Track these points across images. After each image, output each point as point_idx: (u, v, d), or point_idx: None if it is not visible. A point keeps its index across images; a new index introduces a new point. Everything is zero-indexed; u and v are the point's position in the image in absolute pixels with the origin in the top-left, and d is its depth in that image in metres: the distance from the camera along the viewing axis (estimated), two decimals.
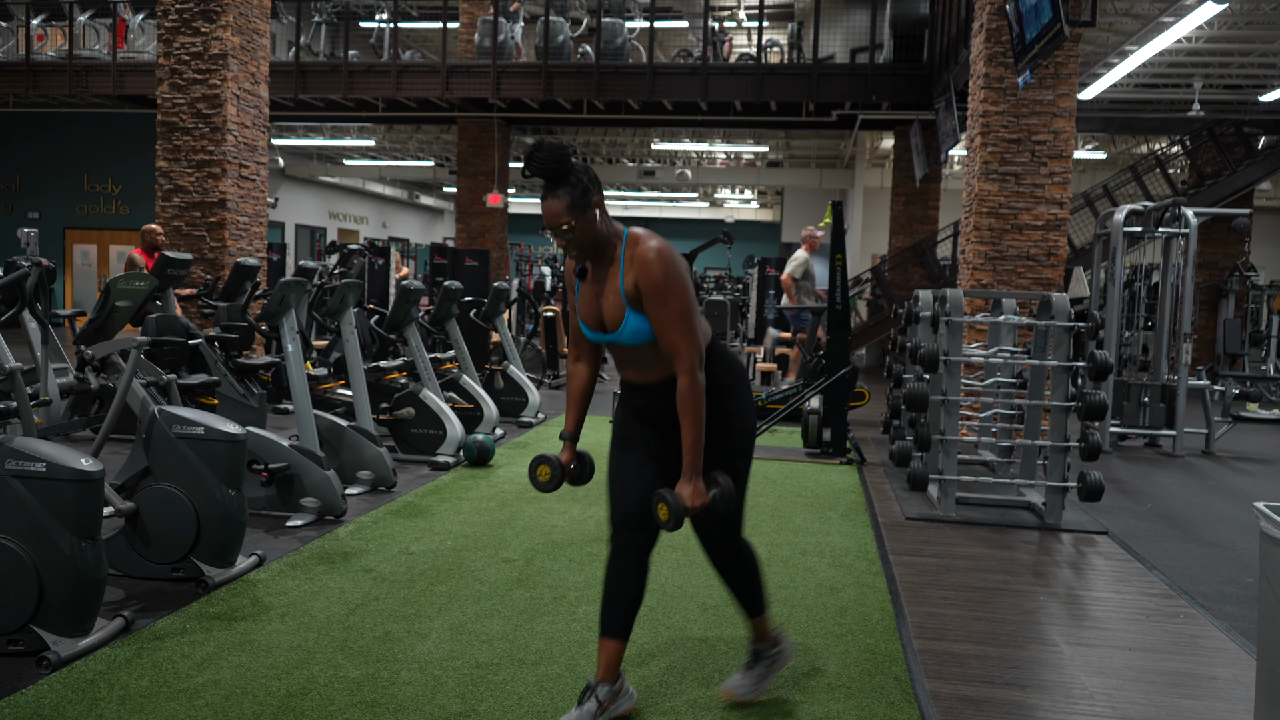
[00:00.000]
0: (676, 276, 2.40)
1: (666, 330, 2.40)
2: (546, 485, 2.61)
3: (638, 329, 2.45)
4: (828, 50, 14.08)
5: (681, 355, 2.40)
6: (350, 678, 2.86)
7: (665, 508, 2.39)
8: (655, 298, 2.39)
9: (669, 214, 30.70)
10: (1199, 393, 7.94)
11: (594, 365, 2.70)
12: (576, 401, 2.71)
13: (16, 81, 13.46)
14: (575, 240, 2.43)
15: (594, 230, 2.44)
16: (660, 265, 2.39)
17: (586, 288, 2.55)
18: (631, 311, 2.44)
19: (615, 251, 2.48)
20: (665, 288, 2.39)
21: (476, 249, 12.46)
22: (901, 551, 4.50)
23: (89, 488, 2.89)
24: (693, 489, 2.41)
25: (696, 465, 2.42)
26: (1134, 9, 9.15)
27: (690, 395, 2.40)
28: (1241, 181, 12.82)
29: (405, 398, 6.04)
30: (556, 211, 2.39)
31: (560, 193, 2.39)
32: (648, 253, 2.40)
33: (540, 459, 2.63)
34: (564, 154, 2.39)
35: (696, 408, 2.41)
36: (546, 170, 2.38)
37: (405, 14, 16.65)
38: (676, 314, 2.39)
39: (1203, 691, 3.03)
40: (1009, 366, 6.25)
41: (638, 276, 2.41)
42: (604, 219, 2.46)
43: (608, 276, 2.49)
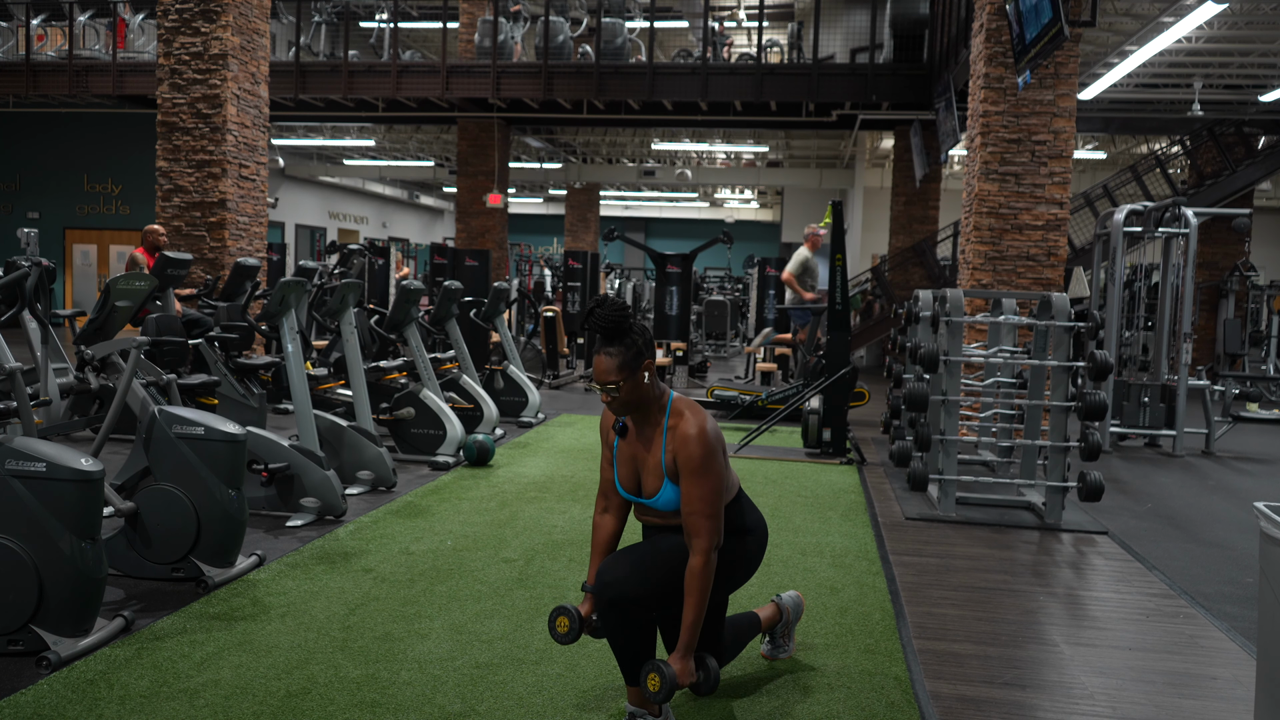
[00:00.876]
0: (713, 461, 2.46)
1: (693, 510, 2.46)
2: (565, 638, 2.59)
3: (672, 499, 2.52)
4: (828, 50, 14.08)
5: (701, 537, 2.45)
6: (350, 678, 2.86)
7: (657, 678, 2.42)
8: (689, 476, 2.46)
9: (669, 214, 30.71)
10: (1199, 393, 7.94)
11: (621, 520, 2.72)
12: (599, 554, 2.72)
13: (16, 81, 13.46)
14: (621, 398, 2.50)
15: (640, 392, 2.51)
16: (700, 447, 2.45)
17: (625, 448, 2.61)
18: (669, 483, 2.52)
19: (659, 418, 2.54)
20: (701, 470, 2.44)
21: (476, 249, 12.46)
22: (901, 551, 4.50)
23: (89, 488, 2.89)
24: (683, 666, 2.45)
25: (691, 644, 2.46)
26: (1134, 9, 9.15)
27: (700, 575, 2.44)
28: (1241, 181, 12.82)
29: (405, 398, 6.04)
30: (607, 369, 2.46)
31: (613, 351, 2.46)
32: (690, 429, 2.47)
33: (560, 610, 2.60)
34: (624, 314, 2.46)
35: (703, 590, 2.44)
36: (606, 327, 2.46)
37: (405, 14, 16.65)
38: (706, 495, 2.45)
39: (1203, 691, 3.03)
40: (1009, 366, 6.25)
41: (677, 451, 2.47)
42: (653, 380, 2.53)
43: (650, 443, 2.56)
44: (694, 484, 2.45)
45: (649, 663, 2.45)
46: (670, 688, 2.40)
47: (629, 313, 2.48)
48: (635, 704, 2.58)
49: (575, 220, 22.67)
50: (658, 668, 2.42)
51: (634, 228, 30.24)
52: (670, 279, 10.15)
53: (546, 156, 20.79)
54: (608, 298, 2.49)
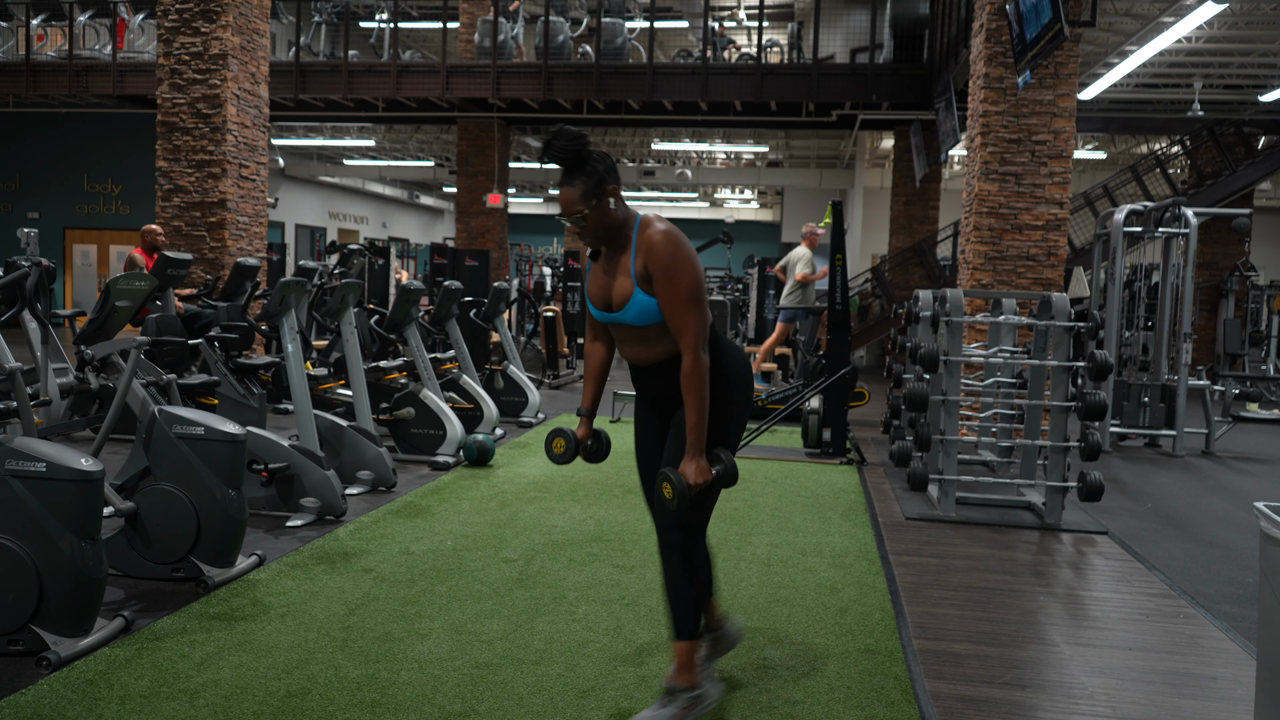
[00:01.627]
0: (684, 257, 2.45)
1: (675, 309, 2.44)
2: (561, 457, 2.63)
3: (643, 309, 2.49)
4: (828, 50, 14.08)
5: (687, 334, 2.44)
6: (350, 678, 2.86)
7: (669, 486, 2.40)
8: (663, 278, 2.44)
9: (669, 214, 30.70)
10: (1199, 393, 7.94)
11: (610, 344, 2.77)
12: (594, 379, 2.79)
13: (16, 81, 13.46)
14: (589, 227, 2.49)
15: (608, 218, 2.50)
16: (668, 246, 2.44)
17: (597, 269, 2.61)
18: (639, 291, 2.49)
19: (628, 235, 2.53)
20: (672, 267, 2.43)
21: (476, 249, 12.46)
22: (901, 551, 4.50)
23: (89, 488, 2.89)
24: (696, 466, 2.44)
25: (700, 443, 2.45)
26: (1134, 9, 9.15)
27: (695, 374, 2.44)
28: (1241, 181, 12.82)
29: (405, 398, 6.04)
30: (571, 199, 2.46)
31: (576, 180, 2.45)
32: (655, 235, 2.46)
33: (556, 432, 2.65)
34: (581, 142, 2.43)
35: (700, 387, 2.44)
36: (564, 157, 2.43)
37: (405, 14, 16.65)
38: (684, 293, 2.43)
39: (1203, 691, 3.03)
40: (1009, 366, 6.25)
41: (647, 258, 2.46)
42: (619, 206, 2.52)
43: (619, 259, 2.54)
44: (670, 284, 2.43)
45: (660, 472, 2.43)
46: (683, 492, 2.39)
47: (586, 140, 2.44)
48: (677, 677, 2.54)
49: None
50: (667, 476, 2.40)
51: None
52: None
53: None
54: (563, 128, 2.45)
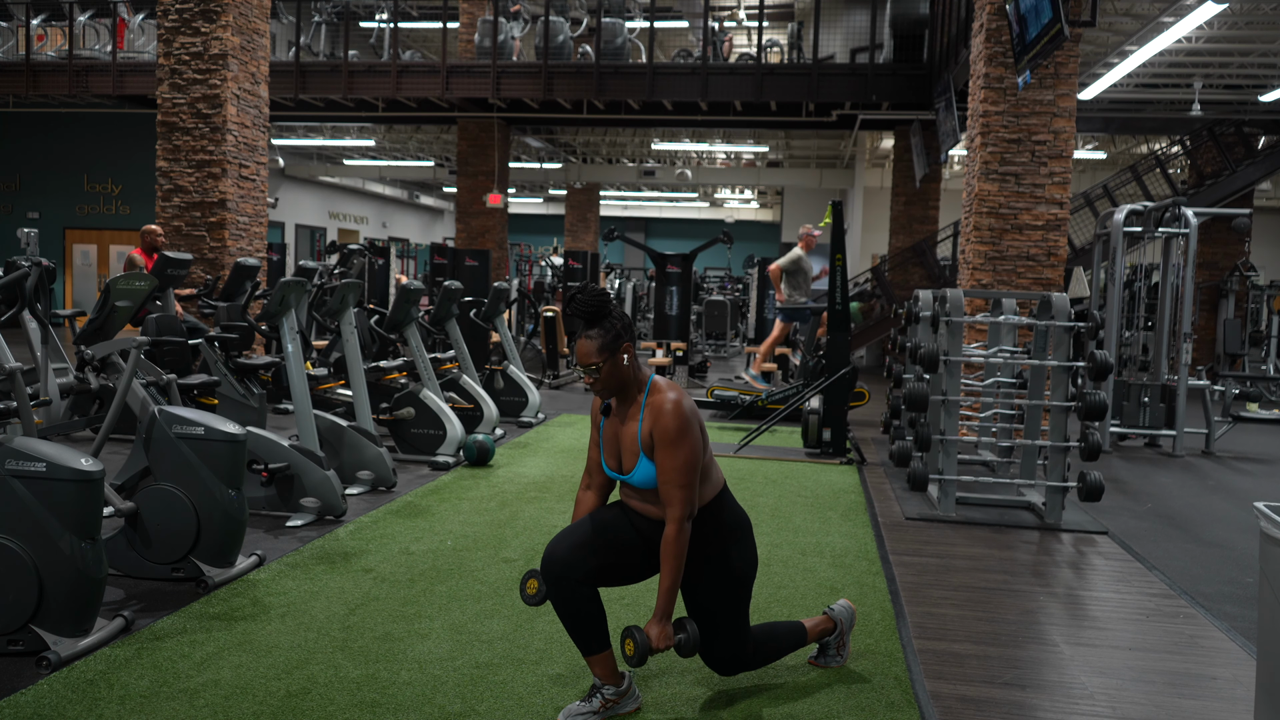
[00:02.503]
0: (688, 432, 2.53)
1: (667, 480, 2.53)
2: (534, 599, 2.68)
3: (647, 475, 2.59)
4: (828, 50, 14.08)
5: (675, 506, 2.53)
6: (350, 678, 2.86)
7: (632, 644, 2.51)
8: (664, 448, 2.52)
9: (669, 214, 30.71)
10: (1199, 393, 7.94)
11: (602, 498, 2.81)
12: None
13: (16, 81, 13.46)
14: (602, 379, 2.59)
15: (621, 373, 2.61)
16: (674, 419, 2.52)
17: (609, 427, 2.70)
18: (644, 458, 2.59)
19: (638, 395, 2.63)
20: (675, 441, 2.52)
21: (476, 249, 12.45)
22: (901, 551, 4.50)
23: (89, 488, 2.89)
24: (660, 630, 2.53)
25: (668, 610, 2.54)
26: (1134, 9, 9.15)
27: (675, 544, 2.52)
28: (1241, 181, 12.81)
29: (405, 398, 6.04)
30: (588, 351, 2.56)
31: (594, 334, 2.57)
32: (665, 404, 2.55)
33: (531, 574, 2.71)
34: (604, 299, 2.57)
35: (678, 557, 2.52)
36: (586, 312, 2.56)
37: (405, 14, 16.65)
38: (680, 467, 2.52)
39: (1203, 691, 3.03)
40: (1009, 366, 6.25)
41: (653, 424, 2.55)
42: (632, 363, 2.62)
43: (629, 420, 2.64)
44: (667, 454, 2.52)
45: (625, 629, 2.54)
46: (644, 652, 2.50)
47: (608, 298, 2.59)
48: (598, 675, 2.65)
49: (575, 220, 22.67)
50: (632, 634, 2.51)
51: (634, 228, 30.24)
52: (670, 279, 10.15)
53: (546, 156, 20.79)
54: (588, 284, 2.59)
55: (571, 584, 2.56)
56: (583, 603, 2.57)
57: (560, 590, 2.57)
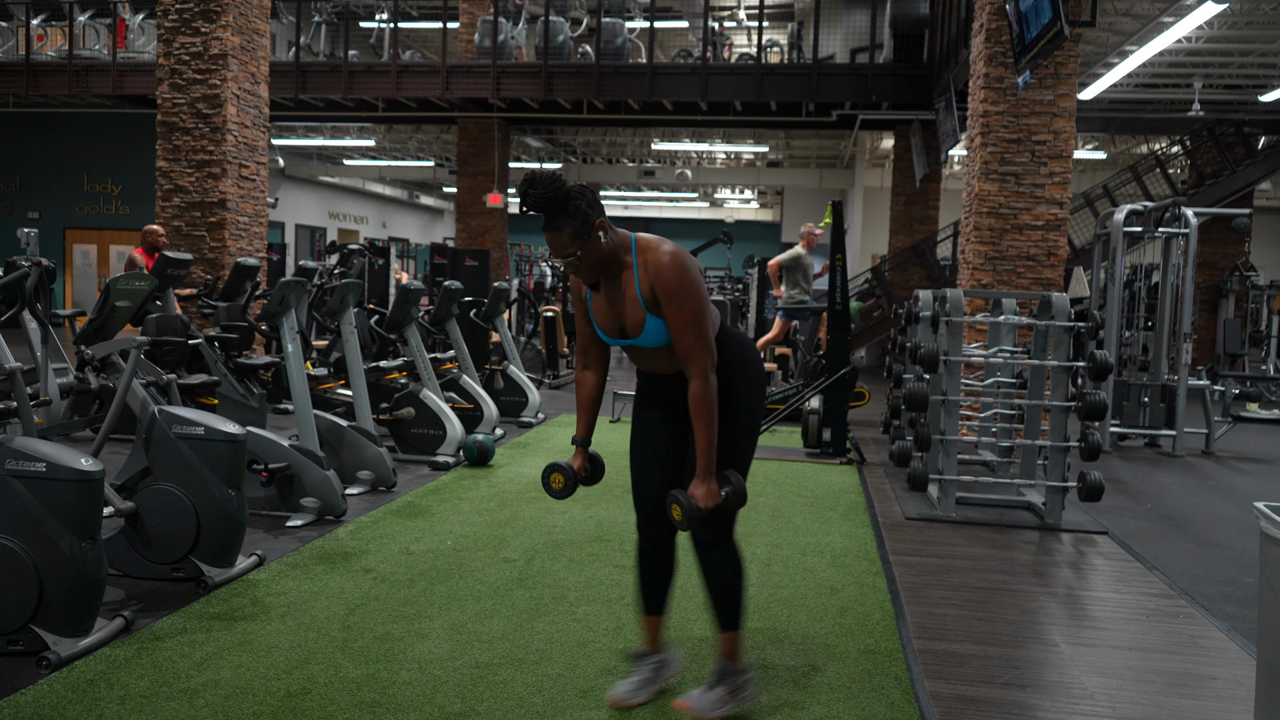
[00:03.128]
0: (690, 281, 2.45)
1: (680, 334, 2.45)
2: (560, 492, 2.65)
3: (659, 332, 2.50)
4: (828, 50, 14.08)
5: (695, 360, 2.45)
6: (350, 678, 2.86)
7: (679, 509, 2.42)
8: (670, 303, 2.44)
9: (669, 214, 30.70)
10: (1199, 393, 7.94)
11: (602, 373, 2.75)
12: (586, 408, 2.77)
13: (16, 81, 13.46)
14: (584, 265, 2.48)
15: (601, 253, 2.48)
16: (674, 271, 2.45)
17: (600, 297, 2.59)
18: (651, 316, 2.49)
19: (626, 259, 2.52)
20: (679, 292, 2.44)
21: (476, 249, 12.46)
22: (901, 551, 4.50)
23: (89, 488, 2.89)
24: (706, 489, 2.46)
25: (710, 466, 2.46)
26: (1134, 9, 9.15)
27: (703, 399, 2.44)
28: (1241, 181, 12.81)
29: (405, 398, 6.04)
30: (561, 243, 2.43)
31: (562, 224, 2.42)
32: (662, 258, 2.46)
33: (553, 467, 2.66)
34: (558, 184, 2.40)
35: (709, 411, 2.44)
36: (544, 204, 2.39)
37: (405, 14, 16.64)
38: (690, 318, 2.44)
39: (1203, 691, 3.03)
40: (1009, 366, 6.25)
41: (653, 282, 2.46)
42: (608, 236, 2.49)
43: (623, 284, 2.53)
44: (676, 309, 2.43)
45: (669, 494, 2.45)
46: (692, 514, 2.41)
47: (562, 181, 2.41)
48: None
49: None
50: (676, 498, 2.42)
51: (634, 228, 30.09)
52: None
53: (546, 156, 20.79)
54: (537, 173, 2.42)
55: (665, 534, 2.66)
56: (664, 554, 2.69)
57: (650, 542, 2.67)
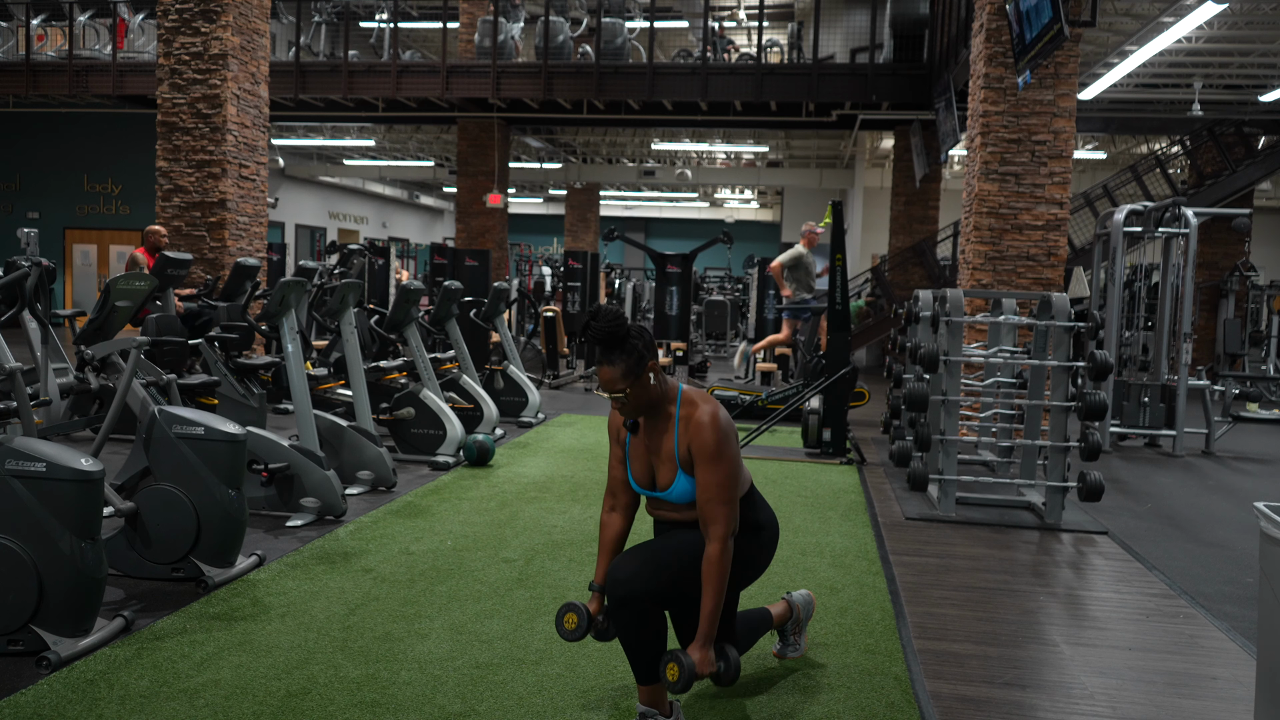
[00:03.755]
0: (729, 447, 2.47)
1: (709, 497, 2.45)
2: (572, 635, 2.59)
3: (686, 490, 2.52)
4: (828, 50, 14.08)
5: (717, 523, 2.44)
6: (350, 678, 2.86)
7: (676, 668, 2.40)
8: (704, 463, 2.45)
9: (669, 214, 30.70)
10: (1199, 393, 7.94)
11: (629, 518, 2.72)
12: (607, 552, 2.71)
13: (16, 81, 13.46)
14: (630, 403, 2.50)
15: (648, 394, 2.51)
16: (714, 434, 2.45)
17: (638, 443, 2.61)
18: (683, 474, 2.51)
19: (670, 409, 2.54)
20: (716, 456, 2.45)
21: (476, 249, 12.45)
22: (901, 551, 4.50)
23: (89, 488, 2.89)
24: (702, 656, 2.43)
25: (711, 634, 2.45)
26: (1134, 9, 9.15)
27: (719, 564, 2.43)
28: (1241, 181, 12.81)
29: (405, 398, 6.04)
30: (612, 378, 2.46)
31: (616, 359, 2.45)
32: (703, 418, 2.48)
33: (568, 607, 2.61)
34: (620, 322, 2.45)
35: (721, 577, 2.43)
36: (603, 338, 2.44)
37: (405, 14, 16.64)
38: (722, 482, 2.45)
39: (1203, 691, 3.03)
40: (1009, 366, 6.25)
41: (691, 440, 2.47)
42: (658, 380, 2.52)
43: (662, 435, 2.55)
44: (709, 471, 2.44)
45: (668, 653, 2.43)
46: (689, 677, 2.39)
47: (624, 319, 2.47)
48: (646, 703, 2.55)
49: (575, 220, 22.67)
50: (676, 658, 2.41)
51: (634, 228, 30.23)
52: (670, 279, 10.15)
53: (546, 156, 20.79)
54: (602, 308, 2.48)
55: (641, 604, 2.44)
56: (653, 625, 2.47)
57: (627, 612, 2.44)
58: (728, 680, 2.50)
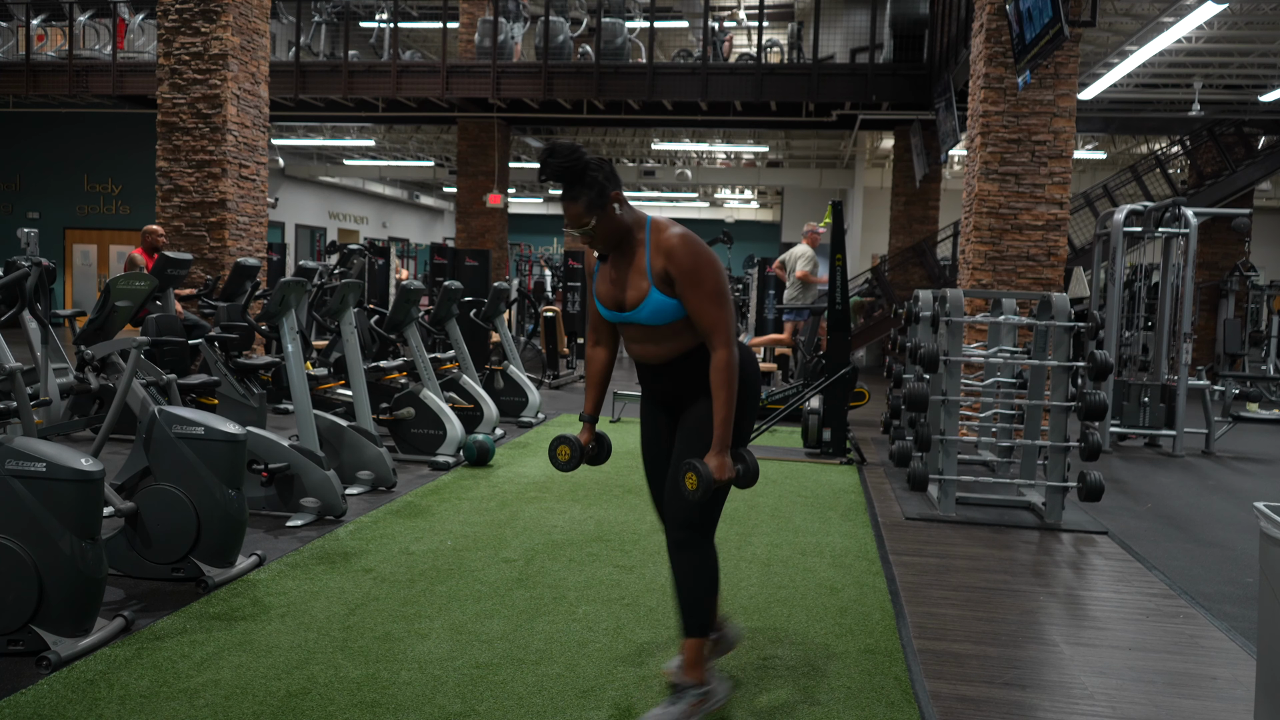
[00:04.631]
0: (706, 257, 2.49)
1: (704, 308, 2.46)
2: (566, 465, 2.67)
3: (657, 308, 2.50)
4: (828, 50, 14.08)
5: (719, 330, 2.47)
6: (350, 678, 2.86)
7: (694, 477, 2.42)
8: (689, 280, 2.45)
9: (669, 214, 30.65)
10: (1199, 393, 7.94)
11: (612, 349, 2.77)
12: (595, 384, 2.80)
13: (16, 81, 13.46)
14: (598, 236, 2.50)
15: (616, 224, 2.51)
16: (688, 248, 2.47)
17: (606, 270, 2.61)
18: (655, 291, 2.50)
19: (639, 236, 2.54)
20: (696, 269, 2.45)
21: (476, 249, 12.46)
22: (901, 551, 4.50)
23: (89, 488, 2.89)
24: (720, 462, 2.46)
25: (726, 439, 2.47)
26: (1134, 9, 9.15)
27: (726, 369, 2.45)
28: (1241, 181, 12.81)
29: (405, 398, 6.04)
30: (577, 212, 2.46)
31: (579, 194, 2.45)
32: (674, 238, 2.48)
33: (560, 439, 2.68)
34: (577, 155, 2.43)
35: (731, 382, 2.46)
36: (562, 173, 2.42)
37: (405, 14, 16.64)
38: (711, 292, 2.46)
39: (1203, 691, 3.03)
40: (1009, 366, 6.25)
41: (667, 261, 2.48)
42: (625, 210, 2.52)
43: (632, 259, 2.55)
44: (696, 285, 2.45)
45: (686, 462, 2.45)
46: (707, 484, 2.41)
47: (581, 151, 2.43)
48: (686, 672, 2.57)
49: None
50: (694, 465, 2.42)
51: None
52: None
53: None
54: (557, 144, 2.45)
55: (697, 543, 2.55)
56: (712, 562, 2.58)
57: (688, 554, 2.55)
58: (747, 481, 2.52)
